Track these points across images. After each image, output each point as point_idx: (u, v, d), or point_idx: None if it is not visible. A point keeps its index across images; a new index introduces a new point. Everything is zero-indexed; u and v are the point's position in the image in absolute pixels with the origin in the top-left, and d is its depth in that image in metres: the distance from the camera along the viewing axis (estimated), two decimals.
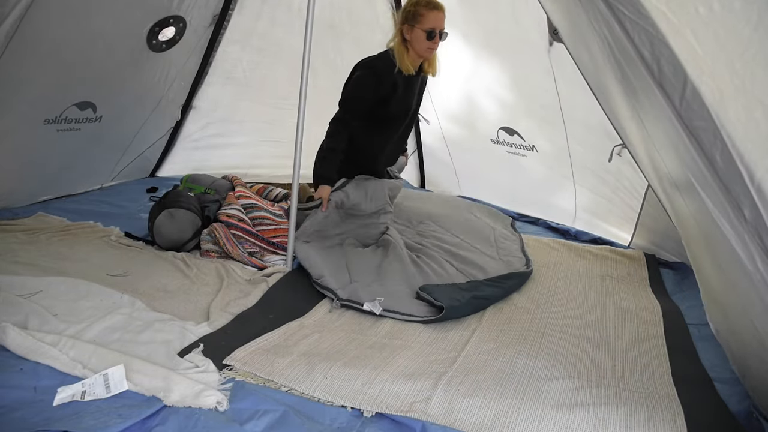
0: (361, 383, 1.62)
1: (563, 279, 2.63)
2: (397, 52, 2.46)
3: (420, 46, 2.43)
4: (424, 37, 2.39)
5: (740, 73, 0.96)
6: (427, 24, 2.38)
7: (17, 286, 1.95)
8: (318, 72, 2.46)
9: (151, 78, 3.27)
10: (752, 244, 1.10)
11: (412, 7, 2.40)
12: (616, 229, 3.20)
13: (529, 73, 3.13)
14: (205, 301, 2.11)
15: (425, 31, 2.38)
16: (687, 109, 1.05)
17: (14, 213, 2.81)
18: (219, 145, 3.93)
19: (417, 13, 2.39)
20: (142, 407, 1.42)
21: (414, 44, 2.43)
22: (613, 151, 2.93)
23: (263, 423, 1.42)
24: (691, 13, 0.97)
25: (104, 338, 1.72)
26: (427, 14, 2.38)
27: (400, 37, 2.45)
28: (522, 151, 3.46)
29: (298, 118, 2.37)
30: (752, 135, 0.98)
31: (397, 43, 2.46)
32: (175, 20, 3.06)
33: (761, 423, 1.55)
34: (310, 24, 2.28)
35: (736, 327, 1.60)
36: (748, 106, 0.97)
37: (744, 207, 1.05)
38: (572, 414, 1.54)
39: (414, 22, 2.40)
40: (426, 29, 2.38)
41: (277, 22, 3.58)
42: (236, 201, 2.94)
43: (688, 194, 1.34)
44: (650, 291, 2.55)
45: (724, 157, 1.02)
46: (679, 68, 1.02)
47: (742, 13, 0.92)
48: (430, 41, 2.41)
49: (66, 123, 2.93)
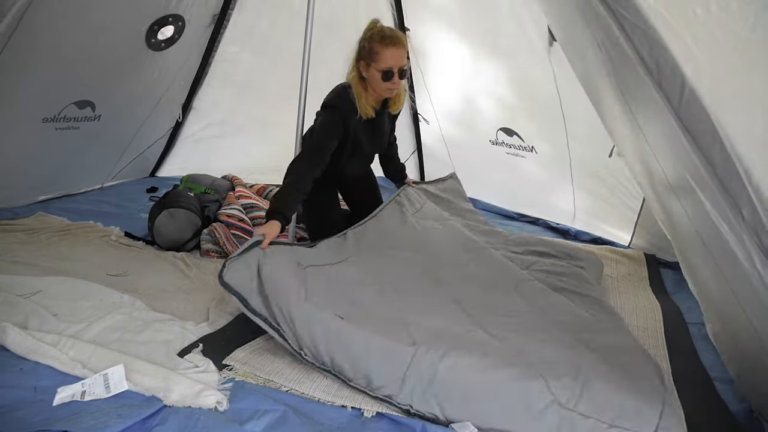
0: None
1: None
2: (355, 92, 2.20)
3: (378, 87, 2.17)
4: (380, 77, 2.13)
5: (738, 74, 0.96)
6: (383, 63, 2.10)
7: (17, 285, 1.96)
8: (318, 73, 2.46)
9: (150, 77, 3.27)
10: (751, 244, 1.10)
11: (366, 43, 2.13)
12: (616, 229, 3.20)
13: (529, 73, 3.13)
14: (205, 301, 2.11)
15: (380, 71, 2.12)
16: (685, 110, 1.05)
17: (14, 213, 2.82)
18: (219, 146, 3.94)
19: (372, 50, 2.11)
20: (142, 407, 1.42)
21: (372, 84, 2.18)
22: (614, 148, 2.93)
23: (263, 423, 1.42)
24: (688, 14, 0.97)
25: (104, 338, 1.72)
26: (382, 52, 2.10)
27: (357, 74, 2.19)
28: (521, 152, 3.46)
29: (297, 119, 2.37)
30: (751, 136, 0.99)
31: (355, 81, 2.20)
32: (174, 19, 3.07)
33: (761, 423, 1.55)
34: (310, 24, 2.28)
35: (734, 328, 1.61)
36: (747, 107, 0.97)
37: (742, 207, 1.05)
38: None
39: (369, 60, 2.13)
40: (382, 69, 2.11)
41: (277, 22, 3.58)
42: (236, 201, 2.95)
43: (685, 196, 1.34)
44: (650, 291, 2.55)
45: (723, 158, 1.03)
46: (677, 70, 1.02)
47: (739, 15, 0.93)
48: (387, 82, 2.14)
49: (65, 121, 2.93)
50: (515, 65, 3.20)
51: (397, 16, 3.69)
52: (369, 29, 2.16)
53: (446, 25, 3.46)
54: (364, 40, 2.16)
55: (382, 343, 1.57)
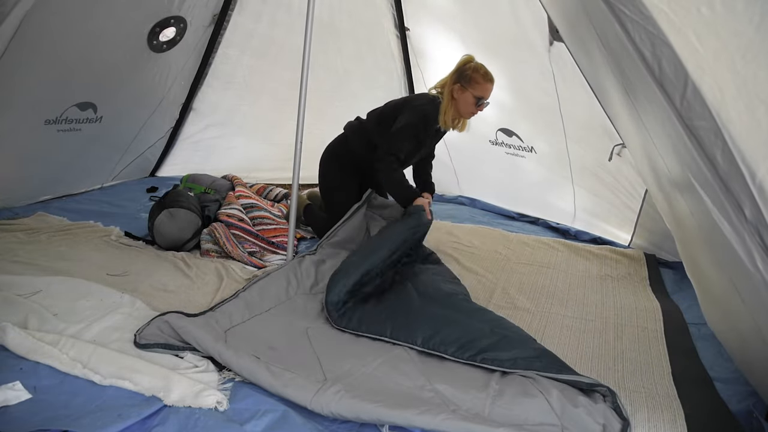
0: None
1: (563, 279, 2.64)
2: (444, 106, 2.57)
3: (466, 109, 2.56)
4: (473, 102, 2.53)
5: (742, 73, 0.96)
6: (479, 92, 2.52)
7: (17, 285, 1.95)
8: (318, 73, 2.46)
9: (152, 78, 3.27)
10: (752, 243, 1.10)
11: (471, 72, 2.51)
12: (616, 229, 3.20)
13: (528, 74, 3.13)
14: (205, 301, 2.10)
15: (476, 97, 2.52)
16: (688, 108, 1.05)
17: (14, 213, 2.81)
18: (219, 146, 3.94)
19: (473, 79, 2.50)
20: (142, 407, 1.42)
21: (460, 104, 2.56)
22: (613, 151, 2.93)
23: (263, 423, 1.42)
24: (693, 13, 0.97)
25: (104, 338, 1.72)
26: (483, 84, 2.52)
27: (450, 95, 2.56)
28: (521, 152, 3.46)
29: (298, 120, 2.37)
30: (753, 135, 0.98)
31: (447, 98, 2.57)
32: (176, 21, 3.07)
33: (761, 423, 1.55)
34: (310, 25, 2.28)
35: (738, 326, 1.60)
36: (750, 106, 0.97)
37: (744, 206, 1.05)
38: None
39: (467, 85, 2.51)
40: (477, 95, 2.52)
41: (277, 23, 3.58)
42: (236, 201, 2.95)
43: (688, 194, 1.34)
44: (650, 291, 2.56)
45: (725, 157, 1.02)
46: (680, 68, 1.02)
47: (744, 14, 0.93)
48: (477, 107, 2.56)
49: (66, 123, 2.93)
50: (515, 65, 3.20)
51: (397, 16, 3.69)
52: (468, 61, 2.56)
53: (446, 25, 3.46)
54: (468, 68, 2.53)
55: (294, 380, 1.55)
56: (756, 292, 1.22)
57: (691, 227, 1.56)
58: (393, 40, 3.81)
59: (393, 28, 3.75)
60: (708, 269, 1.66)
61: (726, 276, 1.40)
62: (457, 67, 2.58)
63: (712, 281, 1.68)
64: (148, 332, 1.74)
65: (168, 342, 1.71)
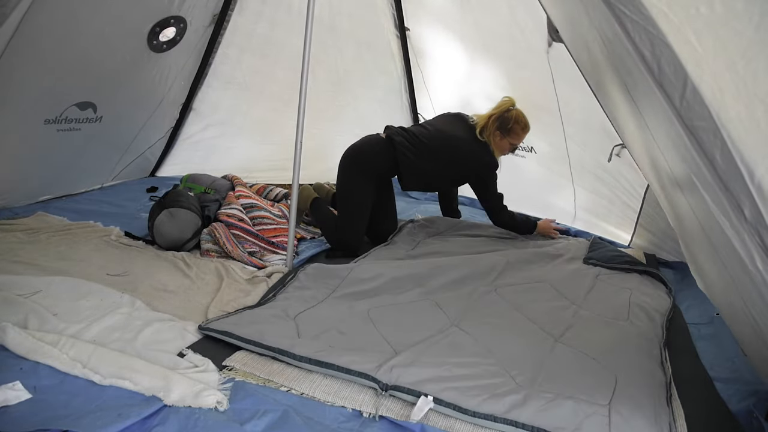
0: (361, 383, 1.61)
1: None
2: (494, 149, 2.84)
3: (500, 152, 2.88)
4: (509, 148, 2.88)
5: (741, 73, 0.96)
6: (516, 141, 2.86)
7: (17, 285, 1.95)
8: (318, 73, 2.46)
9: (152, 78, 3.27)
10: (752, 243, 1.10)
11: (513, 124, 2.79)
12: (616, 229, 3.20)
13: (527, 74, 3.13)
14: (205, 301, 2.11)
15: (512, 145, 2.87)
16: (687, 108, 1.05)
17: (14, 212, 2.81)
18: (219, 146, 3.93)
19: (513, 130, 2.80)
20: (142, 407, 1.42)
21: (497, 146, 2.85)
22: (613, 151, 2.93)
23: (263, 423, 1.42)
24: (692, 13, 0.97)
25: (104, 338, 1.72)
26: (521, 134, 2.84)
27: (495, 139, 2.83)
28: (520, 152, 3.46)
29: (298, 120, 2.37)
30: (753, 134, 0.98)
31: (496, 142, 2.83)
32: (176, 21, 3.07)
33: (761, 423, 1.55)
34: (309, 25, 2.28)
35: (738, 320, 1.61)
36: (749, 106, 0.97)
37: (744, 206, 1.05)
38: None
39: (506, 134, 2.81)
40: (513, 143, 2.86)
41: (277, 23, 3.58)
42: (236, 201, 2.95)
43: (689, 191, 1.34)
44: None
45: (725, 157, 1.02)
46: (680, 68, 1.02)
47: (744, 14, 0.92)
48: (510, 152, 2.95)
49: (66, 123, 2.93)
50: (514, 66, 3.20)
51: (397, 16, 3.69)
52: (509, 107, 2.81)
53: (446, 25, 3.46)
54: (511, 120, 2.79)
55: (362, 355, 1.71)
56: (756, 292, 1.22)
57: (693, 225, 1.56)
58: (393, 40, 3.81)
59: (393, 28, 3.75)
60: (710, 266, 1.66)
61: (728, 273, 1.40)
62: (499, 113, 2.80)
63: (715, 278, 1.69)
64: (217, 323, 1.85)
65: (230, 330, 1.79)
